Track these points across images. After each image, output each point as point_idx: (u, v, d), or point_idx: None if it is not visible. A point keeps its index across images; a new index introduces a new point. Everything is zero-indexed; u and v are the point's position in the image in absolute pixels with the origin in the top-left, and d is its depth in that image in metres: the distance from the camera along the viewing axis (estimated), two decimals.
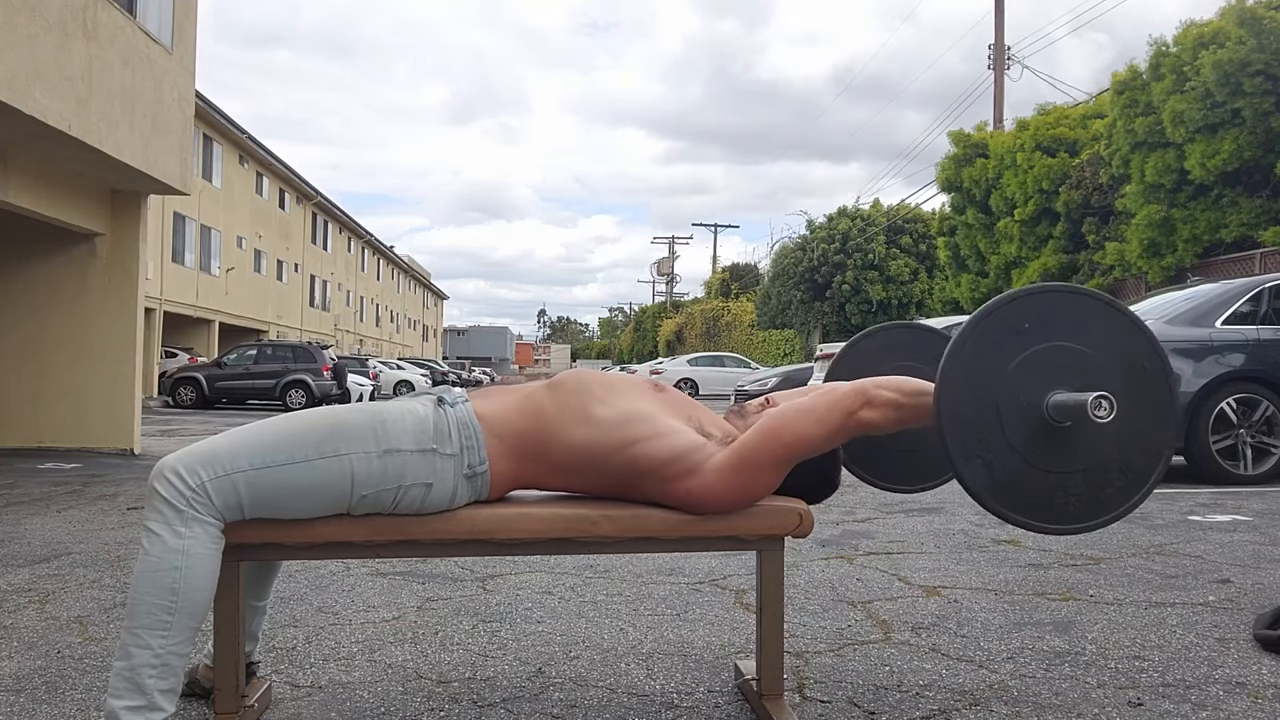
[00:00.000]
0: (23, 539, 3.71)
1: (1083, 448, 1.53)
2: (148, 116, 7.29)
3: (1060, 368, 1.54)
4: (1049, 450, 1.53)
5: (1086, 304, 1.57)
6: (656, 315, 55.18)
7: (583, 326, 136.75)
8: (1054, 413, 1.51)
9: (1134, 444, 1.55)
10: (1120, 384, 1.53)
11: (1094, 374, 1.54)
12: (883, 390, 1.63)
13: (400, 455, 1.59)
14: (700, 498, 1.64)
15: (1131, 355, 1.57)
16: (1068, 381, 1.53)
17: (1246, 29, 11.92)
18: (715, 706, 1.87)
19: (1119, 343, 1.57)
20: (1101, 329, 1.57)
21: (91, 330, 8.04)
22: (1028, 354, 1.53)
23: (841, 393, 1.64)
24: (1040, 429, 1.53)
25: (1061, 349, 1.54)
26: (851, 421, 1.62)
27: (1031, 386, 1.53)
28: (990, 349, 1.53)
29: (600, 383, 1.74)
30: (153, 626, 1.46)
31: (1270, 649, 2.23)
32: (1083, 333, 1.56)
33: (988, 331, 1.54)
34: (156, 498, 1.50)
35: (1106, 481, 1.55)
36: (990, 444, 1.51)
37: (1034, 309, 1.55)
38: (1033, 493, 1.52)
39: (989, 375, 1.52)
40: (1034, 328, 1.54)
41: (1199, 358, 5.79)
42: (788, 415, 1.64)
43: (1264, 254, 12.28)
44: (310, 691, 1.94)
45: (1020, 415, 1.52)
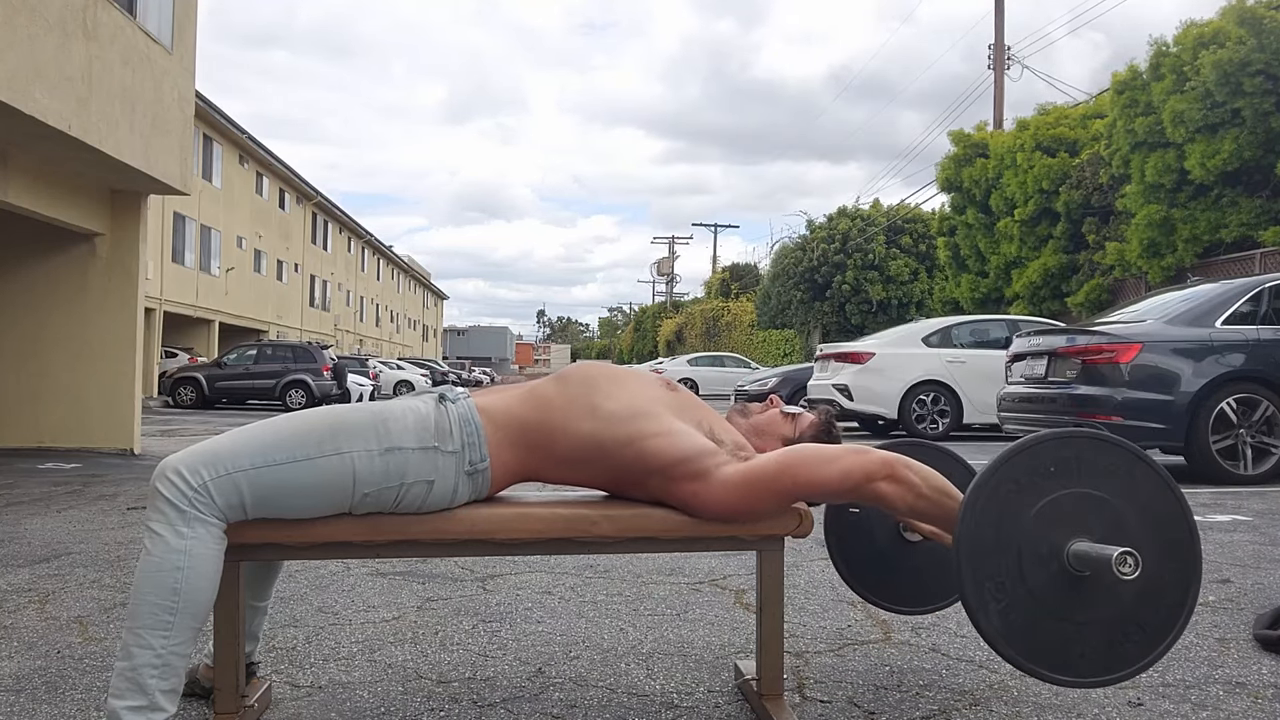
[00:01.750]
0: (23, 539, 3.71)
1: (1102, 599, 1.50)
2: (148, 116, 7.29)
3: (1084, 515, 1.51)
4: (1066, 599, 1.49)
5: (1116, 453, 1.54)
6: (656, 315, 55.18)
7: (583, 326, 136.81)
8: (1074, 561, 1.48)
9: (1154, 600, 1.52)
10: (1144, 538, 1.50)
11: (1118, 525, 1.51)
12: (911, 472, 1.61)
13: (402, 453, 1.59)
14: (705, 503, 1.64)
15: (1157, 510, 1.54)
16: (1091, 530, 1.50)
17: (1246, 29, 11.92)
18: (715, 706, 1.87)
19: (1145, 496, 1.54)
20: (1129, 480, 1.53)
21: (91, 330, 8.04)
22: (1052, 498, 1.50)
23: (870, 457, 1.62)
24: (1059, 576, 1.49)
25: (1087, 496, 1.51)
26: (869, 487, 1.60)
27: (1054, 532, 1.50)
28: (1015, 489, 1.50)
29: (609, 376, 1.74)
30: (154, 626, 1.46)
31: (1270, 649, 2.23)
32: (1110, 482, 1.53)
33: (1014, 471, 1.50)
34: (159, 498, 1.50)
35: (1125, 636, 1.51)
36: (1007, 587, 1.48)
37: (1063, 453, 1.52)
38: (1047, 641, 1.49)
39: (1012, 515, 1.49)
40: (1060, 471, 1.51)
41: (1199, 358, 5.79)
42: (811, 456, 1.64)
43: (1264, 254, 12.28)
44: (310, 691, 1.94)
45: (1041, 560, 1.49)
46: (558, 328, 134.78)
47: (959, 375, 10.17)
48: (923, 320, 12.60)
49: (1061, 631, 1.49)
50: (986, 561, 1.48)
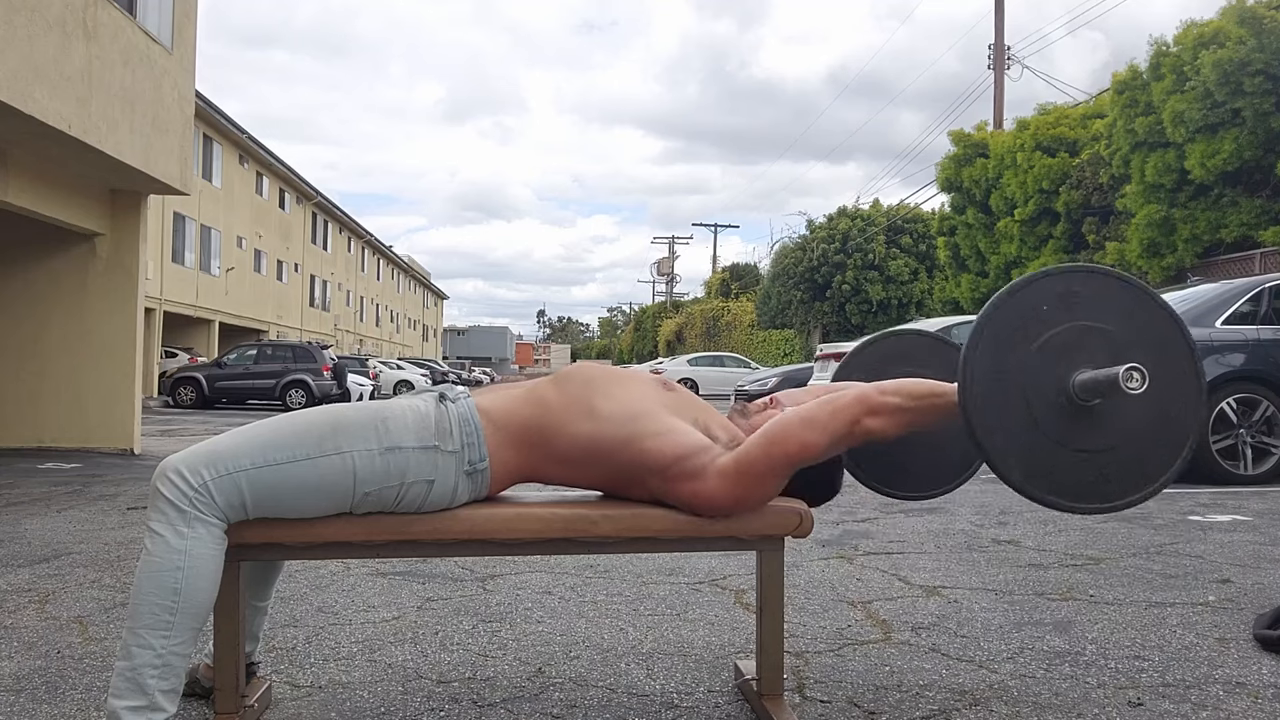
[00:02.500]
0: (23, 539, 3.71)
1: (1114, 425, 1.52)
2: (148, 116, 7.29)
3: (1083, 347, 1.53)
4: (1080, 431, 1.51)
5: (1104, 282, 1.56)
6: (656, 315, 55.18)
7: (583, 326, 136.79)
8: (1081, 392, 1.50)
9: (1164, 416, 1.54)
10: (1146, 358, 1.51)
11: (1118, 350, 1.53)
12: (888, 396, 1.61)
13: (402, 452, 1.59)
14: (704, 500, 1.64)
15: (1153, 329, 1.56)
16: (1092, 360, 1.52)
17: (1247, 29, 11.92)
18: (715, 706, 1.87)
19: (1140, 318, 1.55)
20: (1120, 306, 1.55)
21: (91, 330, 8.04)
22: (1050, 335, 1.52)
23: (845, 400, 1.62)
24: (1069, 410, 1.51)
25: (1084, 328, 1.53)
26: (857, 430, 1.61)
27: (1057, 368, 1.51)
28: (1011, 334, 1.52)
29: (608, 377, 1.74)
30: (155, 626, 1.46)
31: (1270, 649, 2.23)
32: (1103, 310, 1.54)
33: (1007, 317, 1.52)
34: (159, 498, 1.50)
35: (1142, 455, 1.53)
36: (1021, 432, 1.49)
37: (1053, 290, 1.54)
38: (1067, 475, 1.51)
39: (1013, 361, 1.50)
40: (1053, 309, 1.53)
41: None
42: (791, 423, 1.63)
43: (1264, 254, 12.28)
44: (310, 691, 1.94)
45: (1048, 398, 1.50)
46: (558, 328, 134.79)
47: None
48: (922, 320, 12.59)
49: (1079, 463, 1.50)
50: (996, 411, 1.48)
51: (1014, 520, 4.28)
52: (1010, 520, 4.28)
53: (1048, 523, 4.20)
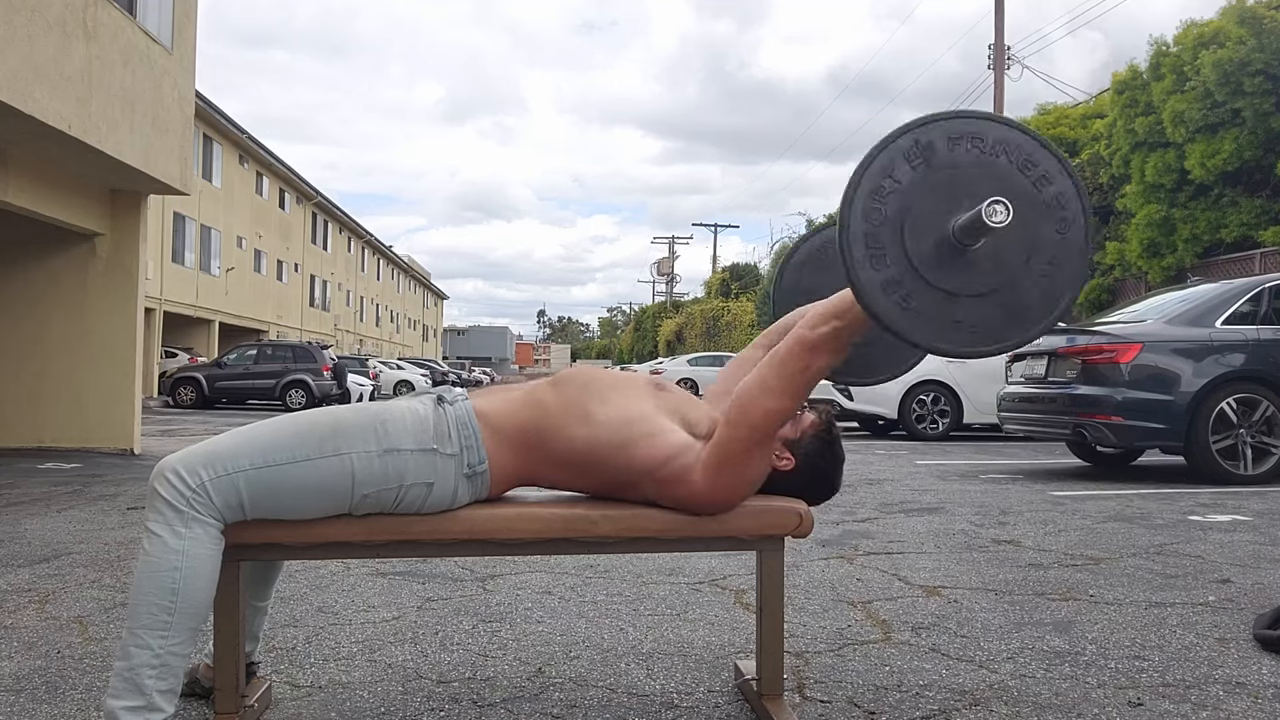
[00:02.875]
0: (23, 539, 3.71)
1: (996, 265, 1.49)
2: (148, 116, 7.29)
3: (961, 192, 1.48)
4: (963, 274, 1.48)
5: (982, 125, 1.51)
6: (657, 315, 55.18)
7: (583, 326, 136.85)
8: (960, 235, 1.47)
9: (1045, 256, 1.51)
10: (1017, 193, 1.48)
11: (991, 187, 1.48)
12: (819, 327, 1.59)
13: (401, 455, 1.59)
14: (697, 500, 1.64)
15: (1025, 163, 1.52)
16: (971, 203, 1.48)
17: (1247, 29, 11.92)
18: (715, 706, 1.87)
19: (1013, 155, 1.51)
20: (992, 144, 1.51)
21: (91, 330, 8.04)
22: (920, 195, 1.48)
23: (785, 353, 1.61)
24: (951, 255, 1.48)
25: (956, 174, 1.49)
26: (809, 375, 1.60)
27: (935, 220, 1.48)
28: (881, 202, 1.47)
29: (605, 381, 1.74)
30: (152, 627, 1.46)
31: (1270, 649, 2.23)
32: (975, 154, 1.50)
33: (869, 188, 1.47)
34: (157, 498, 1.50)
35: (1025, 293, 1.50)
36: (907, 283, 1.46)
37: (920, 142, 1.49)
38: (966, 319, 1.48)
39: (889, 230, 1.47)
40: (925, 161, 1.49)
41: (1199, 358, 5.79)
42: (747, 398, 1.62)
43: (1264, 254, 12.29)
44: (310, 691, 1.94)
45: (930, 244, 1.47)
46: (558, 328, 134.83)
47: (959, 375, 10.17)
48: None
49: (959, 308, 1.48)
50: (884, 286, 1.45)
51: (1014, 520, 4.28)
52: (1010, 520, 4.28)
53: (1048, 523, 4.20)
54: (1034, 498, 5.11)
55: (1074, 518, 4.36)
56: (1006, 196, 1.44)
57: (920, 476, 6.26)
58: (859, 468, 6.79)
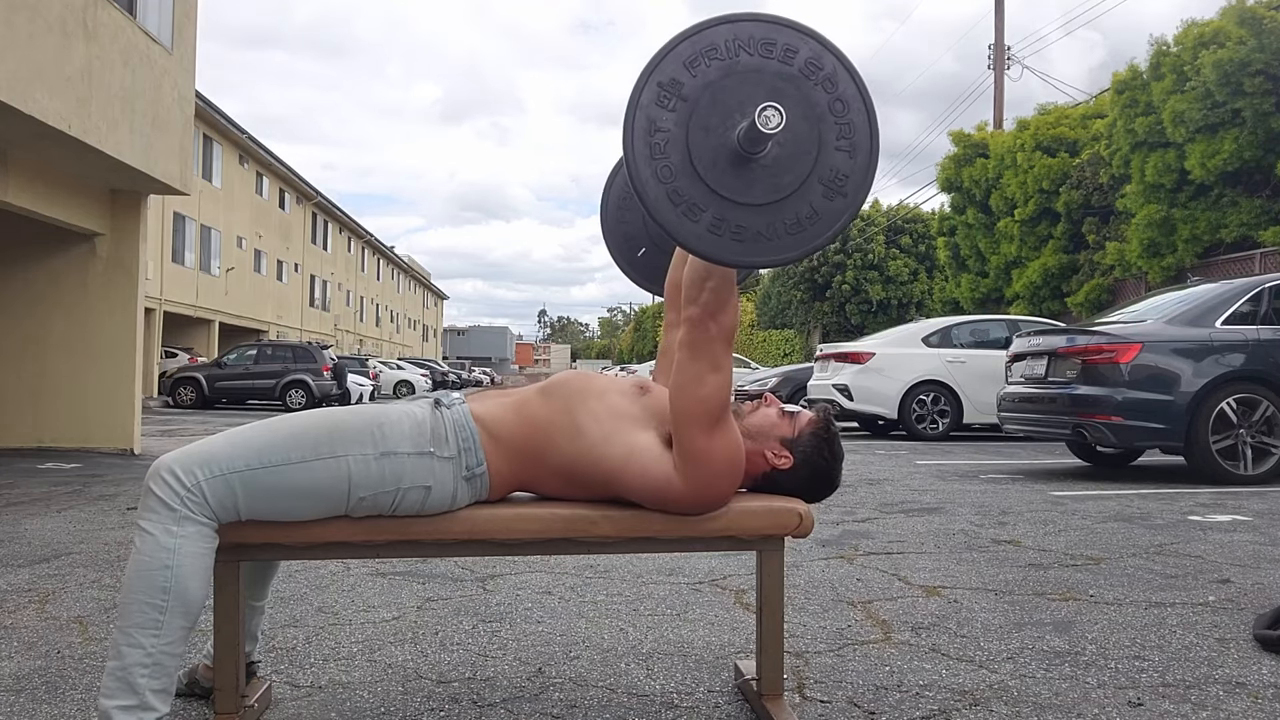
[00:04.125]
0: (23, 539, 3.71)
1: (776, 175, 1.45)
2: (148, 116, 7.29)
3: (731, 106, 1.44)
4: (747, 183, 1.45)
5: (705, 38, 1.45)
6: (657, 315, 55.18)
7: (583, 326, 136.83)
8: (745, 144, 1.43)
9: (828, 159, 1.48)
10: (796, 94, 1.45)
11: (755, 92, 1.44)
12: (699, 299, 1.57)
13: (398, 458, 1.59)
14: (685, 504, 1.64)
15: (803, 62, 1.48)
16: (744, 114, 1.43)
17: (1247, 29, 11.92)
18: (715, 706, 1.87)
19: (754, 48, 1.47)
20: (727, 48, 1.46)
21: (91, 330, 8.04)
22: (691, 121, 1.43)
23: (690, 337, 1.59)
24: (737, 164, 1.44)
25: (715, 94, 1.44)
26: (719, 342, 1.58)
27: (717, 139, 1.44)
28: (664, 146, 1.43)
29: (590, 391, 1.71)
30: (144, 625, 1.46)
31: (1270, 649, 2.23)
32: (719, 67, 1.45)
33: (644, 142, 1.43)
34: (151, 497, 1.50)
35: (830, 189, 1.48)
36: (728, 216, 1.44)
37: (663, 83, 1.44)
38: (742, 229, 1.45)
39: (681, 168, 1.43)
40: (678, 97, 1.43)
41: (1199, 358, 5.79)
42: (680, 392, 1.60)
43: (1264, 254, 12.28)
44: (310, 691, 1.94)
45: (713, 154, 1.43)
46: (558, 328, 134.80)
47: (959, 375, 10.17)
48: (923, 320, 12.59)
49: (769, 216, 1.46)
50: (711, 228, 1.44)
51: (1014, 520, 4.28)
52: (1010, 520, 4.28)
53: (1048, 523, 4.20)
54: (1034, 498, 5.11)
55: (1074, 518, 4.36)
56: (773, 97, 1.41)
57: (920, 476, 6.26)
58: (859, 468, 6.79)
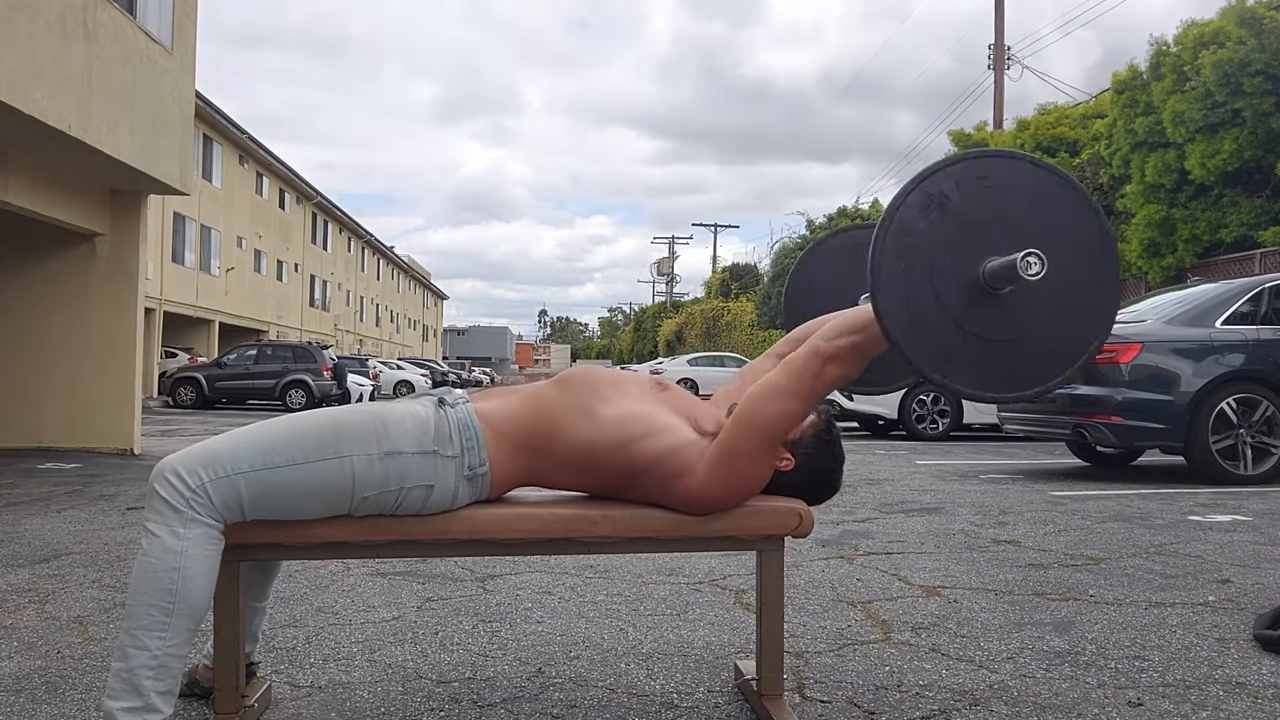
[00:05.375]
0: (23, 539, 3.71)
1: (1022, 313, 1.46)
2: (148, 116, 7.29)
3: (996, 233, 1.46)
4: (989, 318, 1.46)
5: (1016, 166, 1.49)
6: (656, 315, 55.18)
7: (582, 326, 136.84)
8: (990, 279, 1.44)
9: (1071, 307, 1.49)
10: (1058, 246, 1.45)
11: (1030, 237, 1.46)
12: (836, 340, 1.60)
13: (402, 457, 1.59)
14: (697, 496, 1.64)
15: (1069, 217, 1.49)
16: (1005, 247, 1.45)
17: (1247, 29, 11.92)
18: (715, 706, 1.87)
19: (1055, 206, 1.49)
20: (1034, 192, 1.49)
21: (91, 330, 8.04)
22: (950, 235, 1.46)
23: (800, 361, 1.62)
24: (980, 297, 1.46)
25: (993, 215, 1.47)
26: (819, 384, 1.61)
27: (964, 264, 1.45)
28: (918, 224, 1.45)
29: (607, 380, 1.74)
30: (150, 627, 1.46)
31: (1270, 649, 2.23)
32: (1015, 196, 1.48)
33: (915, 205, 1.45)
34: (156, 498, 1.50)
35: (1049, 345, 1.48)
36: (929, 320, 1.44)
37: (965, 175, 1.47)
38: (975, 362, 1.46)
39: (920, 251, 1.44)
40: (959, 200, 1.46)
41: (1199, 358, 5.79)
42: (758, 399, 1.63)
43: (1264, 254, 12.28)
44: (310, 691, 1.94)
45: (958, 286, 1.45)
46: (558, 327, 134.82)
47: None
48: None
49: (991, 350, 1.46)
50: (922, 333, 1.44)
51: (1014, 520, 4.28)
52: (1010, 520, 4.28)
53: (1048, 523, 4.20)
54: (1034, 498, 5.11)
55: (1074, 518, 4.36)
56: (1035, 243, 1.42)
57: (920, 476, 6.26)
58: (859, 468, 6.79)
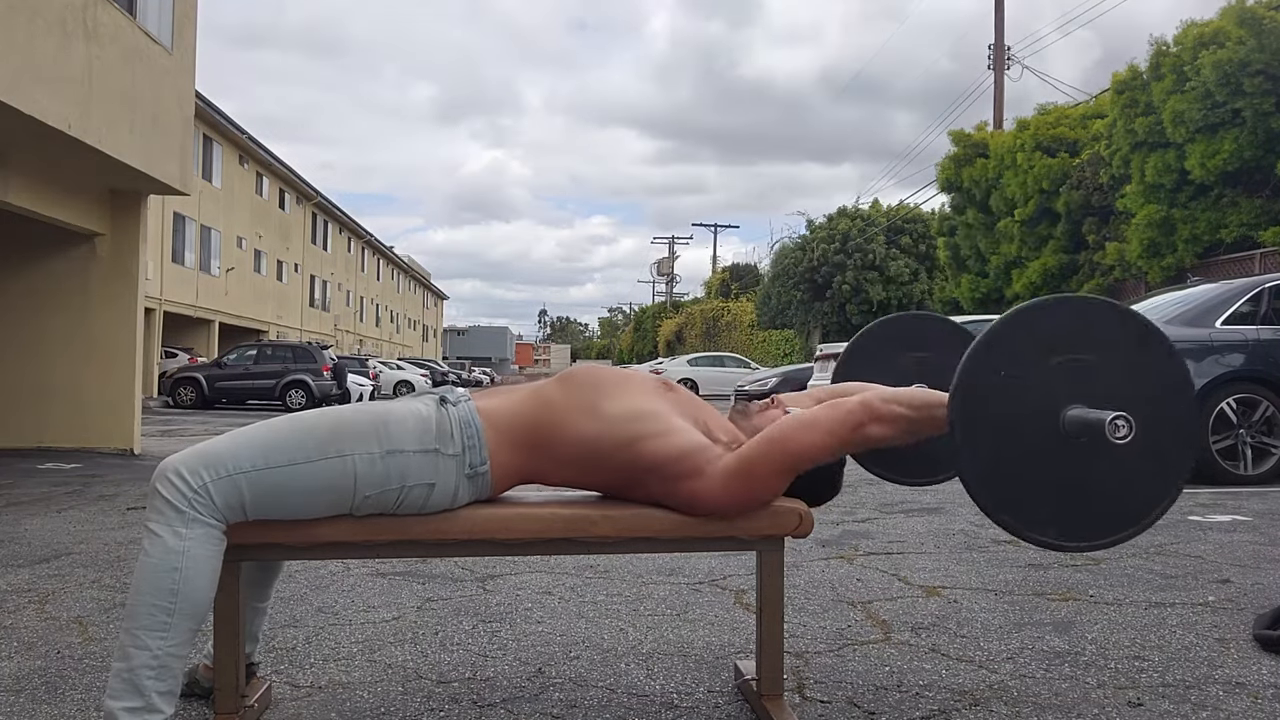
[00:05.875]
0: (23, 539, 3.71)
1: (1099, 465, 1.47)
2: (148, 116, 7.29)
3: (1079, 382, 1.47)
4: (1066, 465, 1.47)
5: (1111, 314, 1.50)
6: (656, 315, 55.17)
7: (582, 326, 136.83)
8: (1070, 426, 1.46)
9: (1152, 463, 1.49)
10: (1142, 405, 1.46)
11: (1115, 392, 1.47)
12: (891, 405, 1.60)
13: (403, 456, 1.59)
14: (704, 500, 1.64)
15: (1157, 375, 1.50)
16: (1086, 396, 1.47)
17: (1246, 29, 11.92)
18: (715, 706, 1.87)
19: (1147, 362, 1.50)
20: (1127, 344, 1.50)
21: (91, 330, 8.04)
22: (1046, 367, 1.47)
23: (849, 407, 1.62)
24: (1057, 442, 1.47)
25: (1085, 362, 1.48)
26: (858, 436, 1.61)
27: (1049, 401, 1.47)
28: (1013, 356, 1.47)
29: (612, 378, 1.74)
30: (151, 627, 1.46)
31: (1270, 649, 2.23)
32: (1109, 348, 1.49)
33: (1004, 345, 1.47)
34: (158, 498, 1.50)
35: (1123, 496, 1.48)
36: (1007, 459, 1.45)
37: (1064, 317, 1.49)
38: (1051, 507, 1.47)
39: (1009, 383, 1.46)
40: (1061, 339, 1.48)
41: (1199, 358, 5.78)
42: (794, 426, 1.63)
43: (1264, 254, 12.28)
44: (310, 691, 1.94)
45: (1038, 430, 1.46)
46: (558, 328, 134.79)
47: None
48: None
49: (1063, 496, 1.47)
50: (984, 439, 1.45)
51: None
52: None
53: None
54: None
55: None
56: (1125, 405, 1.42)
57: None
58: (859, 468, 6.78)
